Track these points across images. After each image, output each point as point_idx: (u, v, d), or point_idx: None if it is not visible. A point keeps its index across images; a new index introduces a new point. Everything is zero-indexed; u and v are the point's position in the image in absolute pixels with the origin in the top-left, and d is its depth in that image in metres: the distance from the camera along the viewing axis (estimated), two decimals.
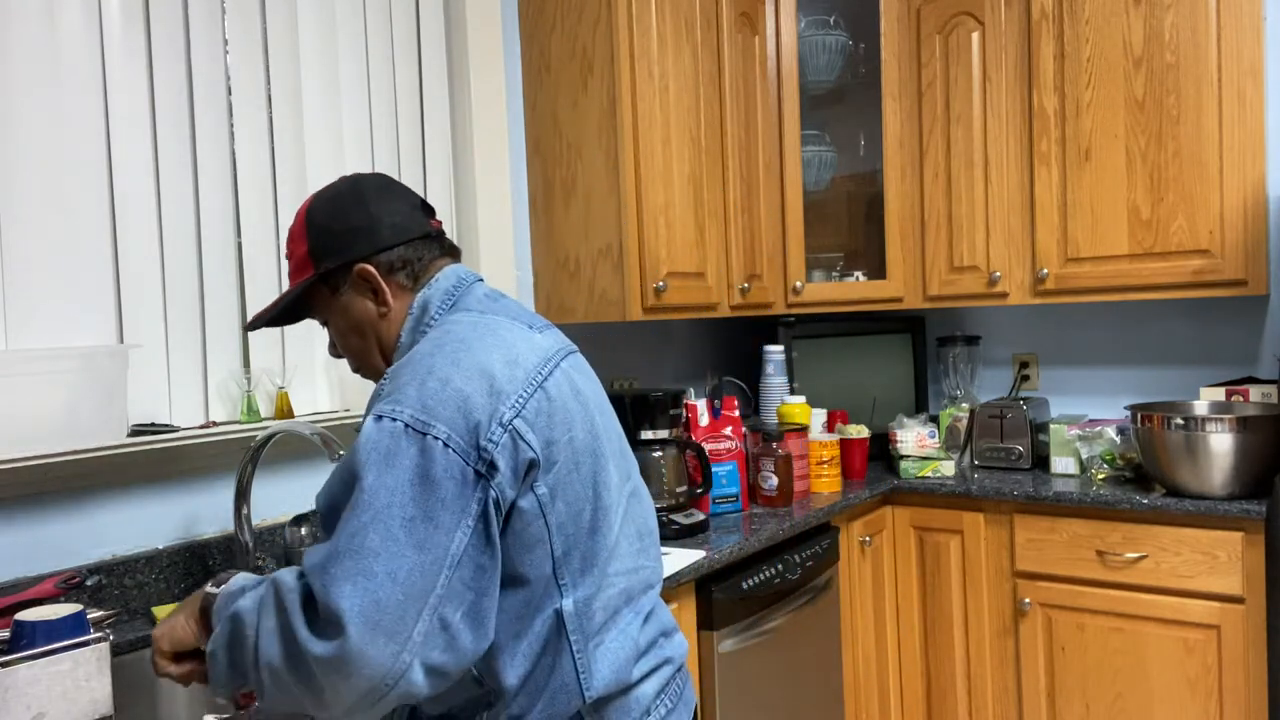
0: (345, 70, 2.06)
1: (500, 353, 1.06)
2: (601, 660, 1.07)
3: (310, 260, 1.19)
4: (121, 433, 1.58)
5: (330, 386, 2.01)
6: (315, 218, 1.19)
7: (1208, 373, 2.73)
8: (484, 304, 1.16)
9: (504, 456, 1.00)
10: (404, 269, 1.18)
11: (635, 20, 2.24)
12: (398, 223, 1.18)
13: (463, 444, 0.98)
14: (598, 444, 1.11)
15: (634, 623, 1.12)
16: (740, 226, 2.58)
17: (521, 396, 1.04)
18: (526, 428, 1.02)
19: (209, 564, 1.74)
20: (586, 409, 1.11)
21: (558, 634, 1.05)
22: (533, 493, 1.02)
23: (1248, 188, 2.35)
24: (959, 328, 3.16)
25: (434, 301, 1.16)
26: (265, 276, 1.90)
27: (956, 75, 2.74)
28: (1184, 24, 2.40)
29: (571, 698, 1.05)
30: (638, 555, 1.15)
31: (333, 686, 0.93)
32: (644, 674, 1.12)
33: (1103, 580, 2.33)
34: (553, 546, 1.04)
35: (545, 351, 1.11)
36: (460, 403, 0.99)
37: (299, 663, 0.94)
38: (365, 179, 1.21)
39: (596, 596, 1.08)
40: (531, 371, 1.07)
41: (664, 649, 1.17)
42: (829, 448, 2.49)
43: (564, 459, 1.05)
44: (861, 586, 2.49)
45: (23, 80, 1.56)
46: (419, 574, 0.93)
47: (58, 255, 1.60)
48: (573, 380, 1.12)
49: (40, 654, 1.14)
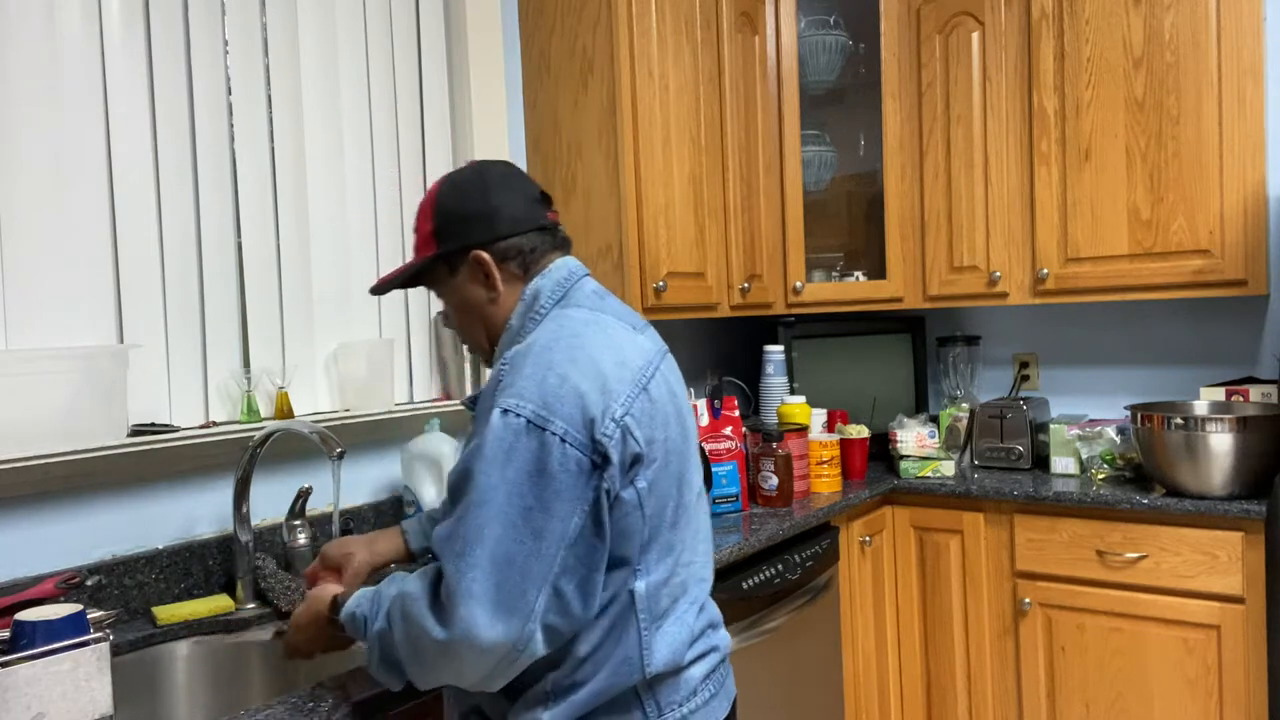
0: (345, 70, 2.06)
1: (611, 353, 1.14)
2: (661, 641, 1.15)
3: (433, 239, 1.27)
4: (121, 433, 1.58)
5: (330, 386, 2.01)
6: (442, 201, 1.27)
7: (1208, 373, 2.73)
8: (593, 300, 1.24)
9: (615, 450, 1.08)
10: (517, 258, 1.25)
11: (635, 20, 2.24)
12: (515, 214, 1.25)
13: (579, 438, 1.06)
14: (686, 445, 1.21)
15: (690, 611, 1.20)
16: (740, 226, 2.58)
17: (630, 396, 1.12)
18: (635, 425, 1.11)
19: (208, 564, 1.74)
20: (679, 410, 1.21)
21: (629, 612, 1.13)
22: (634, 486, 1.11)
23: (1248, 188, 2.35)
24: (959, 328, 3.15)
25: (544, 291, 1.24)
26: (265, 276, 1.90)
27: (956, 75, 2.74)
28: (1184, 24, 2.40)
29: (633, 671, 1.13)
30: (693, 550, 1.23)
31: (470, 664, 1.05)
32: (694, 658, 1.20)
33: (1103, 580, 2.33)
34: (642, 534, 1.13)
35: (647, 353, 1.20)
36: (577, 399, 1.07)
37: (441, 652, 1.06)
38: (491, 167, 1.28)
39: (666, 583, 1.16)
40: (637, 372, 1.15)
41: (712, 638, 1.25)
42: (829, 448, 2.49)
43: (660, 456, 1.14)
44: (861, 586, 2.49)
45: (23, 80, 1.56)
46: (536, 558, 1.04)
47: (58, 255, 1.60)
48: (669, 382, 1.22)
49: (40, 654, 1.14)
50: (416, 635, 1.08)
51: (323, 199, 2.01)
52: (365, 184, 2.10)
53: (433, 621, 1.06)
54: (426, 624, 1.06)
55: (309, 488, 1.80)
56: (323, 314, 2.00)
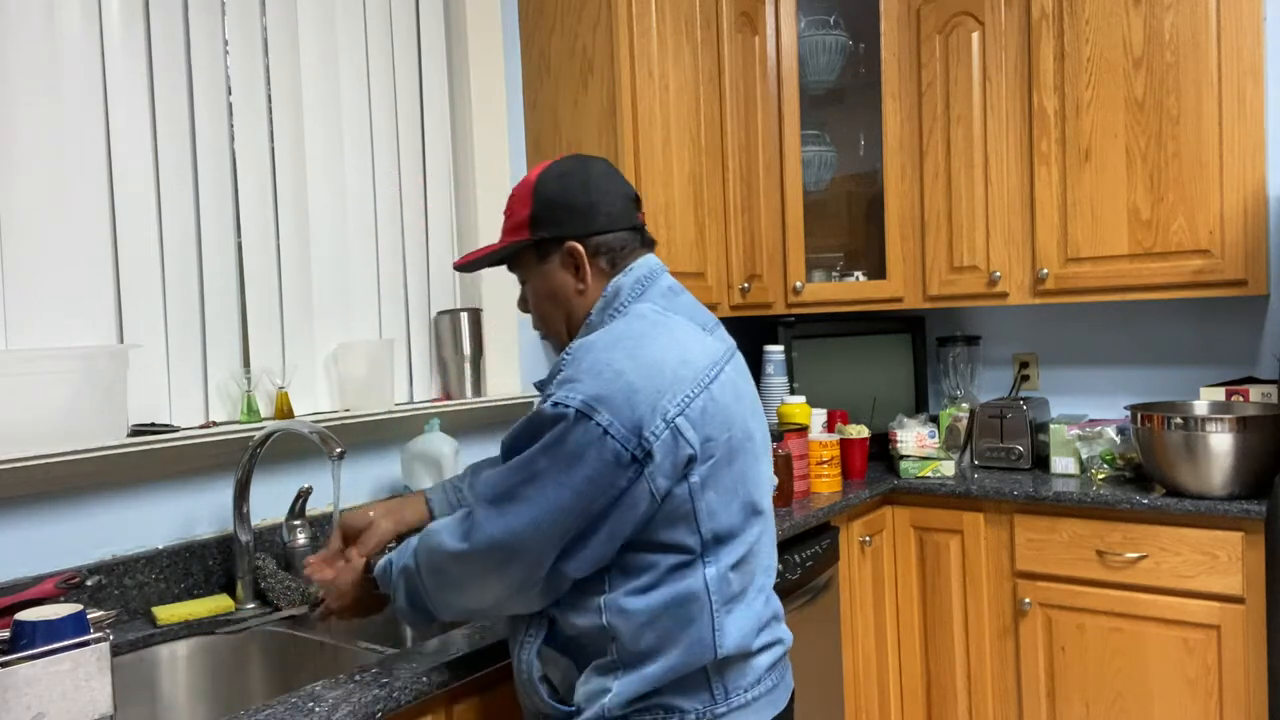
0: (345, 70, 2.06)
1: (675, 351, 1.18)
2: (732, 624, 1.19)
3: (529, 224, 1.30)
4: (121, 433, 1.58)
5: (330, 386, 2.01)
6: (543, 188, 1.30)
7: (1208, 373, 2.73)
8: (667, 298, 1.28)
9: (663, 449, 1.12)
10: (607, 254, 1.29)
11: (635, 20, 2.24)
12: (613, 211, 1.30)
13: (624, 431, 1.11)
14: (751, 443, 1.23)
15: (758, 598, 1.25)
16: (740, 226, 2.58)
17: (689, 395, 1.15)
18: (688, 425, 1.14)
19: (208, 563, 1.74)
20: (744, 411, 1.23)
21: (700, 594, 1.17)
22: (686, 481, 1.15)
23: (1248, 188, 2.35)
24: (959, 328, 3.15)
25: (625, 289, 1.27)
26: (265, 276, 1.90)
27: (956, 75, 2.74)
28: (1184, 24, 2.40)
29: (705, 651, 1.17)
30: (760, 543, 1.27)
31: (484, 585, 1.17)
32: (761, 646, 1.24)
33: (1103, 580, 2.33)
34: (699, 526, 1.16)
35: (714, 354, 1.22)
36: (629, 395, 1.12)
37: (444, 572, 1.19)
38: (595, 163, 1.32)
39: (736, 570, 1.21)
40: (700, 372, 1.18)
41: (776, 630, 1.29)
42: (829, 448, 2.49)
43: (720, 455, 1.17)
44: (861, 586, 2.49)
45: (23, 80, 1.56)
46: (553, 526, 1.12)
47: (58, 255, 1.60)
48: (735, 383, 1.24)
49: (40, 654, 1.14)
50: (438, 557, 1.19)
51: (323, 199, 2.01)
52: (365, 184, 2.10)
53: (453, 539, 1.18)
54: (446, 543, 1.18)
55: (309, 488, 1.80)
56: (323, 314, 2.00)
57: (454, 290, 2.31)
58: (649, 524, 1.16)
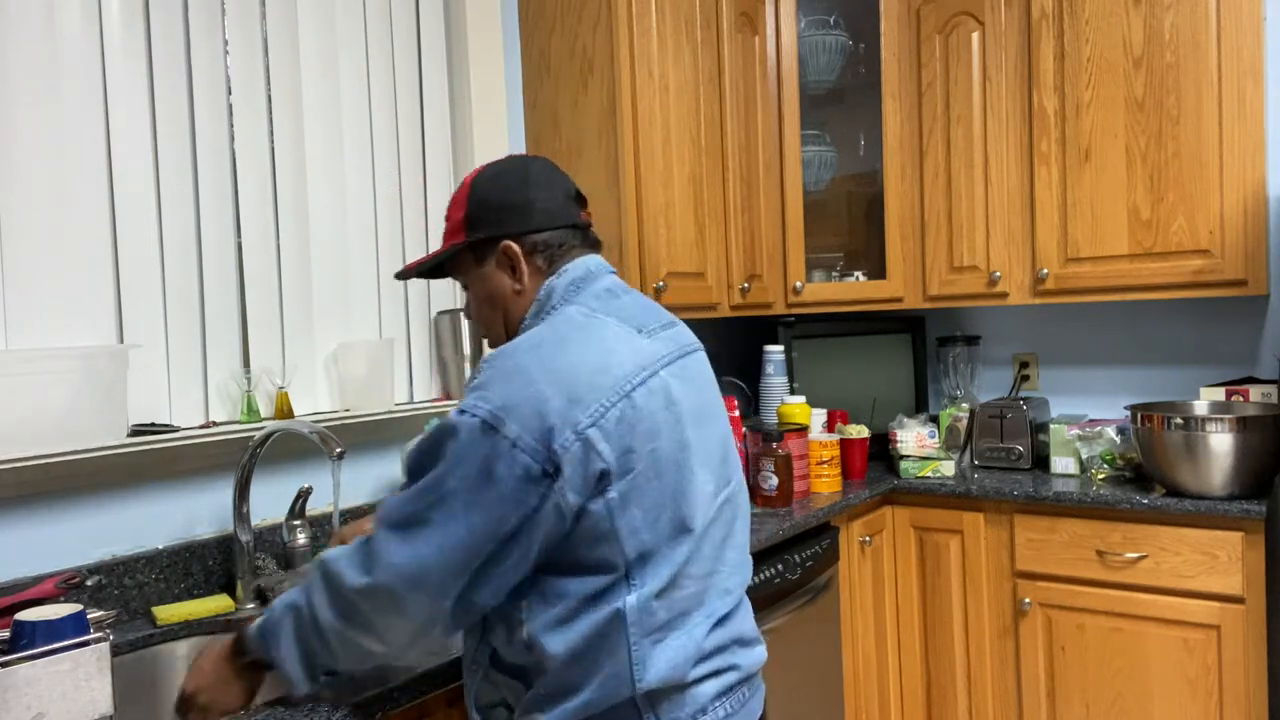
0: (345, 70, 2.06)
1: (594, 358, 1.11)
2: (660, 656, 1.11)
3: (464, 226, 1.27)
4: (121, 433, 1.58)
5: (330, 386, 2.01)
6: (478, 188, 1.27)
7: (1208, 373, 2.73)
8: (600, 300, 1.21)
9: (572, 463, 1.05)
10: (544, 252, 1.25)
11: (635, 20, 2.24)
12: (550, 207, 1.25)
13: (532, 444, 1.05)
14: (684, 455, 1.14)
15: (701, 625, 1.16)
16: (740, 226, 2.58)
17: (603, 405, 1.08)
18: (600, 436, 1.07)
19: (208, 564, 1.74)
20: (678, 420, 1.15)
21: (618, 625, 1.10)
22: (603, 497, 1.08)
23: (1248, 188, 2.35)
24: (959, 328, 3.15)
25: (558, 290, 1.22)
26: (265, 276, 1.90)
27: (956, 75, 2.74)
28: (1184, 24, 2.40)
29: (622, 686, 1.10)
30: (718, 561, 1.19)
31: (387, 624, 1.09)
32: (704, 675, 1.15)
33: (1103, 580, 2.33)
34: (623, 546, 1.09)
35: (645, 359, 1.15)
36: (538, 405, 1.06)
37: (354, 610, 1.10)
38: (533, 162, 1.28)
39: (665, 596, 1.12)
40: (620, 380, 1.10)
41: (734, 656, 1.20)
42: (829, 448, 2.49)
43: (643, 468, 1.10)
44: (861, 586, 2.49)
45: (23, 81, 1.56)
46: (463, 551, 1.06)
47: (58, 255, 1.60)
48: (669, 390, 1.15)
49: (40, 654, 1.14)
50: (337, 588, 1.11)
51: (323, 199, 2.01)
52: (365, 184, 2.10)
53: (355, 571, 1.10)
54: (347, 574, 1.10)
55: (309, 488, 1.80)
56: (323, 314, 2.00)
57: (454, 290, 2.31)
58: (567, 545, 1.09)
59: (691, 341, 1.27)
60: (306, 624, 1.14)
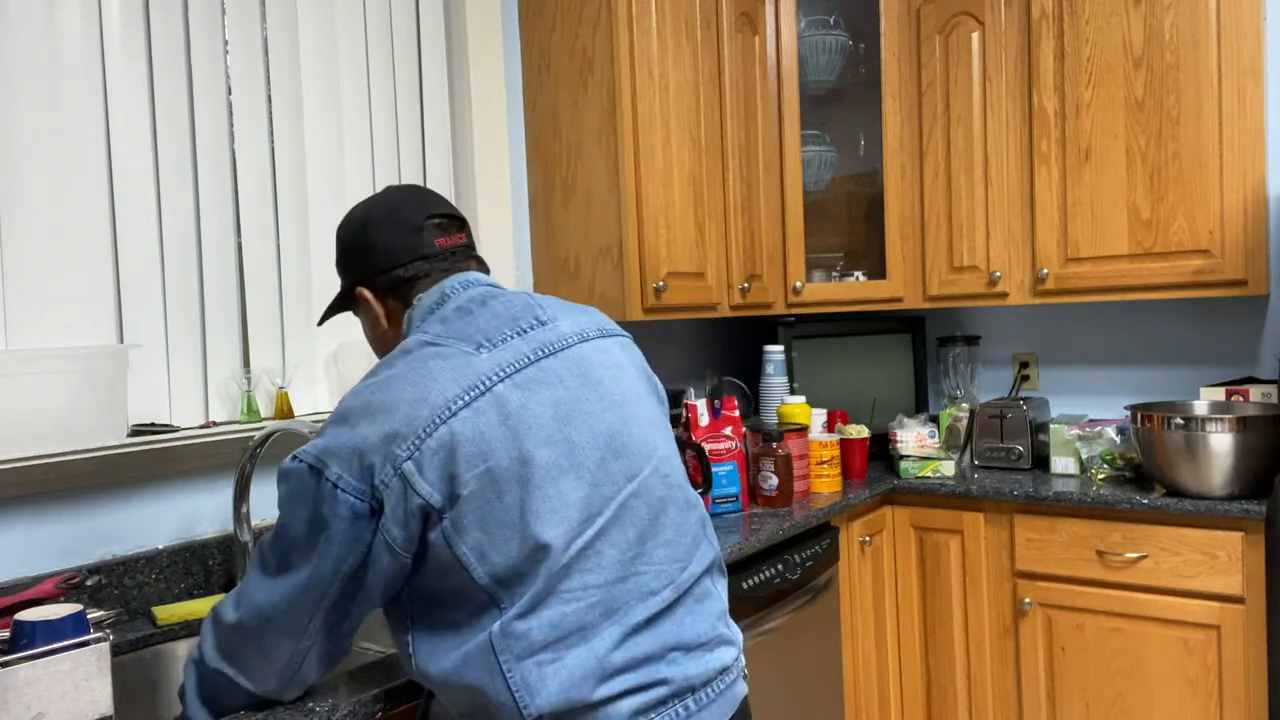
0: (345, 70, 2.06)
1: (414, 390, 1.08)
2: (551, 678, 1.05)
3: (338, 271, 1.35)
4: (121, 433, 1.58)
5: (330, 386, 2.01)
6: (338, 234, 1.34)
7: (1208, 373, 2.73)
8: (446, 323, 1.17)
9: (392, 499, 1.05)
10: (395, 290, 1.27)
11: (635, 20, 2.24)
12: (391, 246, 1.26)
13: (354, 484, 1.06)
14: (527, 470, 1.07)
15: (604, 639, 1.07)
16: (740, 226, 2.58)
17: (419, 438, 1.05)
18: (416, 470, 1.05)
19: (208, 563, 1.74)
20: (515, 435, 1.08)
21: (489, 652, 1.06)
22: (438, 528, 1.06)
23: (1248, 188, 2.35)
24: (959, 328, 3.15)
25: (414, 320, 1.23)
26: (265, 276, 1.90)
27: (956, 75, 2.74)
28: (1184, 24, 2.40)
29: (508, 714, 1.05)
30: (638, 562, 1.11)
31: (255, 664, 1.13)
32: (615, 694, 1.06)
33: (1103, 580, 2.33)
34: (471, 573, 1.06)
35: (474, 378, 1.09)
36: (356, 445, 1.06)
37: (231, 647, 1.14)
38: (378, 204, 1.30)
39: (536, 615, 1.06)
40: (438, 408, 1.06)
41: (658, 669, 1.09)
42: (829, 448, 2.49)
43: (476, 490, 1.05)
44: (861, 586, 2.49)
45: (23, 81, 1.56)
46: (311, 592, 1.09)
47: (58, 255, 1.60)
48: (505, 404, 1.09)
49: (40, 654, 1.14)
50: (220, 627, 1.15)
51: (323, 199, 2.01)
52: (365, 184, 2.10)
53: (229, 608, 1.14)
54: (225, 612, 1.15)
55: None
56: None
57: None
58: (423, 577, 1.09)
59: (573, 332, 1.19)
60: (206, 672, 1.18)
